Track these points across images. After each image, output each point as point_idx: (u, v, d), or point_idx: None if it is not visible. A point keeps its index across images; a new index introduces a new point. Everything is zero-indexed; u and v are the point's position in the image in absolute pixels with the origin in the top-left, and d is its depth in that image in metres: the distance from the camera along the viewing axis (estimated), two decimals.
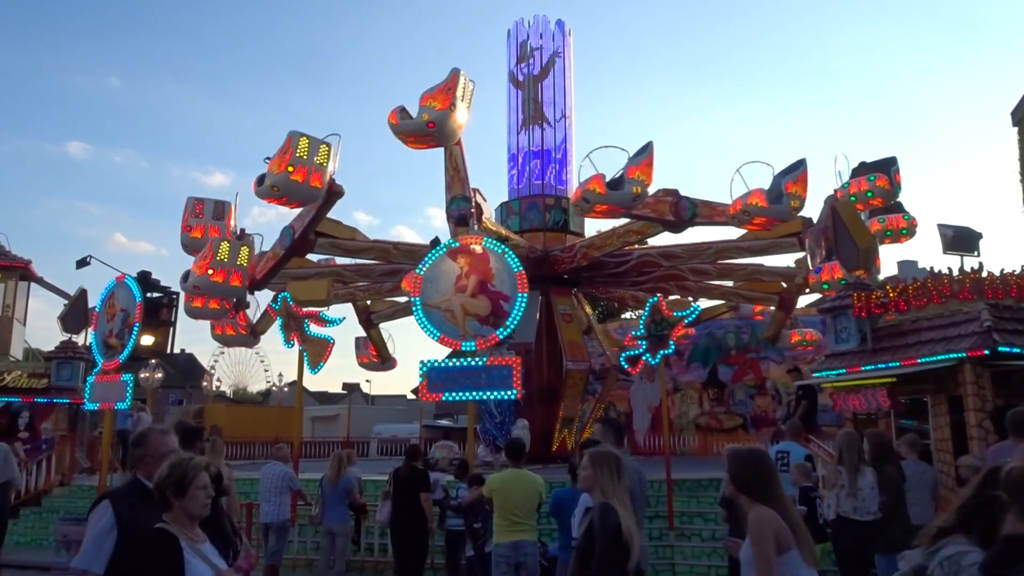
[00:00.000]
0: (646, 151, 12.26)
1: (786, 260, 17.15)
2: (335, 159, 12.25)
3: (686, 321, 12.96)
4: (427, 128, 11.69)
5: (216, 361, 42.86)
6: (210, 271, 11.70)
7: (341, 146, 12.37)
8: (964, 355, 9.01)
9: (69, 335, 16.41)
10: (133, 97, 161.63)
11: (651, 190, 12.58)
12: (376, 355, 20.18)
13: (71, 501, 14.82)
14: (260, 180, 12.29)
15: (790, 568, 3.47)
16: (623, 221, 15.33)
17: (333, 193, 12.50)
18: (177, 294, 14.59)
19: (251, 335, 15.85)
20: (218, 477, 6.45)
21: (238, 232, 14.01)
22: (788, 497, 4.01)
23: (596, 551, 3.76)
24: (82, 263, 16.62)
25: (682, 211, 13.76)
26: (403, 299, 18.60)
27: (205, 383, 34.71)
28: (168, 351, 15.12)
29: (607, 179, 12.06)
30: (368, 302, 19.71)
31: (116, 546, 3.42)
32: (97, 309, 11.60)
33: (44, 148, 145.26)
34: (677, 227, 14.24)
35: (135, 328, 10.89)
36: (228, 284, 11.94)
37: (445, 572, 9.95)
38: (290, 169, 11.72)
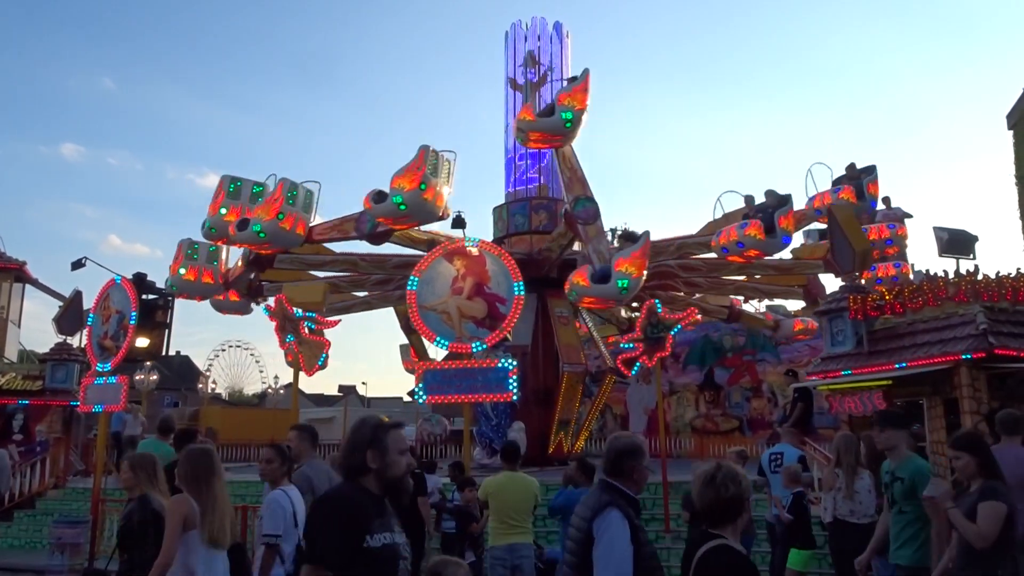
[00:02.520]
0: (580, 78, 12.35)
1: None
2: (315, 207, 13.03)
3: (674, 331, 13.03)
4: (399, 211, 11.97)
5: (212, 363, 42.86)
6: (280, 216, 12.29)
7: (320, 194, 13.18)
8: (970, 356, 9.01)
9: (64, 337, 16.36)
10: (128, 99, 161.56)
11: (584, 117, 12.66)
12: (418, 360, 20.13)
13: (65, 503, 14.76)
14: (242, 225, 12.50)
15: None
16: (630, 225, 15.37)
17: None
18: (173, 296, 14.52)
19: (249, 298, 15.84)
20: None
21: (230, 279, 14.18)
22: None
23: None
24: (77, 265, 16.54)
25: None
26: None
27: (200, 385, 34.72)
28: (164, 353, 15.02)
29: (537, 109, 12.23)
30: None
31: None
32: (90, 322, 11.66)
33: (38, 150, 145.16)
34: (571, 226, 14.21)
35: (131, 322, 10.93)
36: (295, 232, 12.51)
37: None
38: (280, 216, 12.07)
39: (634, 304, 21.12)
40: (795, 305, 20.80)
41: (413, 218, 12.44)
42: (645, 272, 12.26)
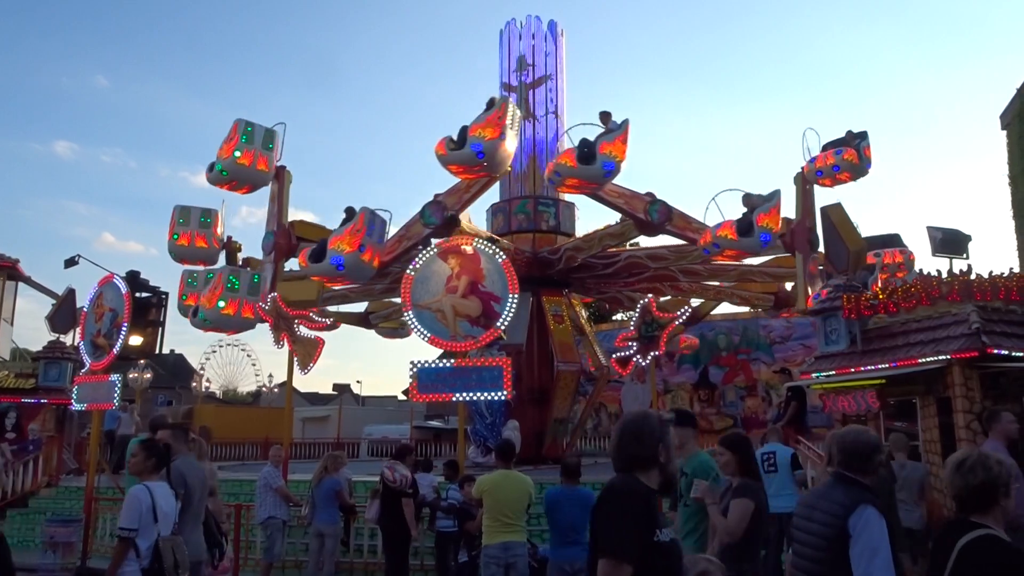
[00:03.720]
0: (620, 128, 12.26)
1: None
2: (280, 146, 12.91)
3: (678, 323, 13.01)
4: (476, 159, 11.74)
5: (206, 361, 42.75)
6: (220, 303, 11.96)
7: (286, 133, 13.13)
8: (972, 354, 9.06)
9: (57, 335, 16.31)
10: (121, 96, 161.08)
11: (624, 166, 12.56)
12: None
13: (58, 502, 14.70)
14: (211, 168, 12.60)
15: None
16: (605, 224, 15.34)
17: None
18: (166, 294, 14.48)
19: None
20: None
21: (225, 239, 13.98)
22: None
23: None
24: (70, 263, 16.46)
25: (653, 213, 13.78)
26: (398, 299, 18.57)
27: (194, 384, 34.62)
28: (157, 351, 14.98)
29: (577, 152, 12.05)
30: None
31: None
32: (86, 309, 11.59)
33: (32, 147, 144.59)
34: (647, 228, 14.24)
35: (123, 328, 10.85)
36: (240, 316, 12.20)
37: (435, 574, 9.91)
38: (237, 154, 12.09)
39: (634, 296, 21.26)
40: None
41: (486, 168, 12.17)
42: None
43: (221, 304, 11.75)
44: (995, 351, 8.91)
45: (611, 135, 12.10)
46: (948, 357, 9.11)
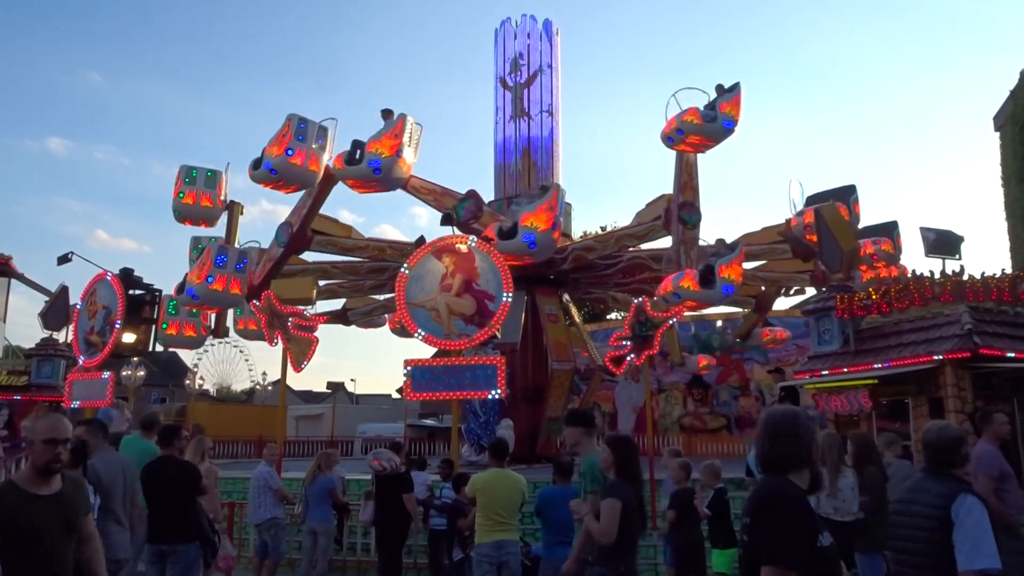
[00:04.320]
0: (735, 90, 12.25)
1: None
2: (332, 144, 12.40)
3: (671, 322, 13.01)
4: (373, 174, 11.85)
5: (199, 359, 42.66)
6: (209, 279, 11.55)
7: (337, 131, 12.58)
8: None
9: (50, 332, 16.26)
10: (115, 93, 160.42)
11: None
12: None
13: None
14: (256, 164, 12.28)
15: None
16: (621, 224, 15.24)
17: (329, 179, 12.51)
18: (160, 291, 14.45)
19: (209, 335, 15.28)
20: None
21: (228, 202, 13.95)
22: None
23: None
24: (64, 260, 16.38)
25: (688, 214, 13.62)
26: (382, 297, 18.59)
27: (188, 381, 34.53)
28: (151, 349, 14.94)
29: (702, 111, 11.98)
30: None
31: None
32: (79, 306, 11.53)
33: (25, 144, 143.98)
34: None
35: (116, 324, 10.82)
36: (228, 292, 11.84)
37: (428, 572, 9.92)
38: (289, 152, 11.81)
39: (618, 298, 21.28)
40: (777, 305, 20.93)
41: (381, 185, 12.39)
42: (554, 226, 12.11)
43: (210, 280, 11.56)
44: (987, 351, 8.96)
45: (728, 95, 12.23)
46: (940, 357, 9.16)
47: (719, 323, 22.64)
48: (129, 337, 12.67)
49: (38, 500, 3.51)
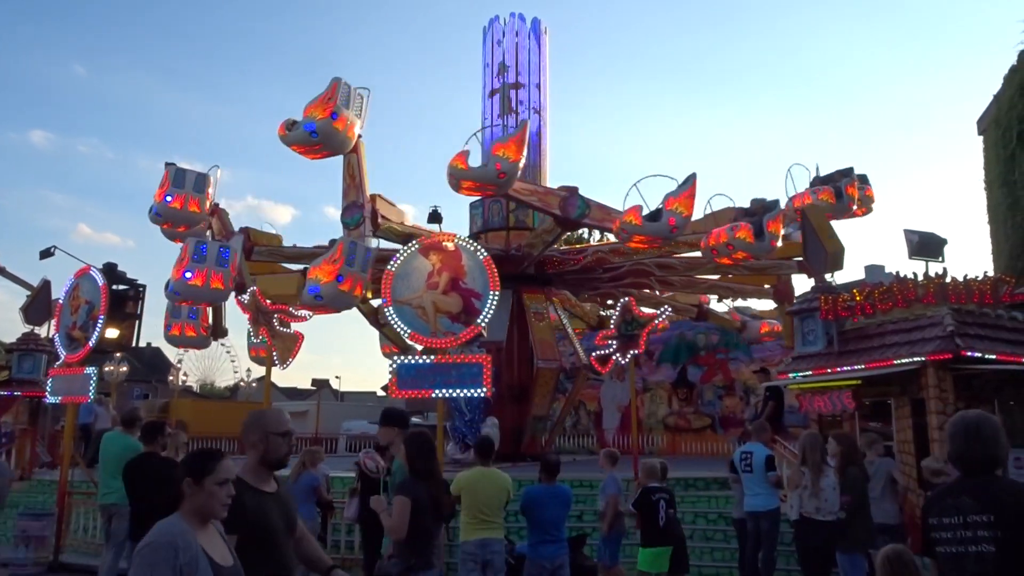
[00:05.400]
0: (687, 183, 12.49)
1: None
2: (366, 114, 12.61)
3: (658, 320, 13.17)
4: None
5: (183, 355, 42.32)
6: (187, 274, 11.17)
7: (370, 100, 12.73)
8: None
9: (31, 327, 16.10)
10: (99, 85, 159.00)
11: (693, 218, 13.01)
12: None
13: (31, 496, 14.53)
14: (290, 125, 12.16)
15: None
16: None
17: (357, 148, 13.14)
18: (144, 286, 14.33)
19: (210, 336, 15.54)
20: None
21: (214, 205, 13.83)
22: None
23: None
24: (46, 254, 16.25)
25: (570, 208, 14.02)
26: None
27: (171, 377, 34.25)
28: (134, 344, 14.83)
29: (644, 212, 12.39)
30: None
31: None
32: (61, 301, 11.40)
33: (7, 136, 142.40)
34: (564, 224, 14.57)
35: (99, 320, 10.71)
36: (209, 287, 11.57)
37: None
38: (334, 116, 11.77)
39: (608, 301, 21.33)
40: (764, 305, 21.03)
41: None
42: (523, 158, 12.19)
43: (188, 275, 11.37)
44: (969, 353, 9.04)
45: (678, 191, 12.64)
46: (923, 359, 9.22)
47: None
48: (112, 332, 12.57)
49: (269, 497, 3.37)
